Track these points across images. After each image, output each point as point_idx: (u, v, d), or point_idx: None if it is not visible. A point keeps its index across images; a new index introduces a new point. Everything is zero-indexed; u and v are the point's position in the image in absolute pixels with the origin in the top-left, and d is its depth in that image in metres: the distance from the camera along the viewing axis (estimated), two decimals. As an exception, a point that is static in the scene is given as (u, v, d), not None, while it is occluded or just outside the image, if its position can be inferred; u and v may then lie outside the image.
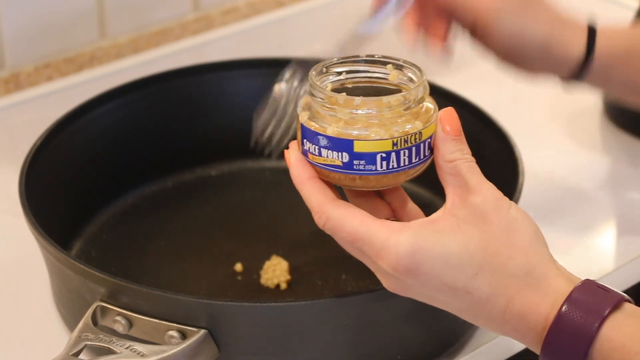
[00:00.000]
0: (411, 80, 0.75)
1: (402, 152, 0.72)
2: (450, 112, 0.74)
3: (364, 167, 0.73)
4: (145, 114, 1.04)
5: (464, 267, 0.70)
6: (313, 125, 0.73)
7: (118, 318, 0.79)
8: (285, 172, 1.07)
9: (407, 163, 0.73)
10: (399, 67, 0.76)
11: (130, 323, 0.79)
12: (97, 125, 1.01)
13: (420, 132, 0.73)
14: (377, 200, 0.78)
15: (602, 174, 1.11)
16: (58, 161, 0.96)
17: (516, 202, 0.86)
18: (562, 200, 1.06)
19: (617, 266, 0.97)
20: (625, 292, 0.96)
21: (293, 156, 0.75)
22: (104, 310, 0.80)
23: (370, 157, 0.72)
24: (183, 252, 0.98)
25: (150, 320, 0.78)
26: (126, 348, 0.76)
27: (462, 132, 0.74)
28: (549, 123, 1.19)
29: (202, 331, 0.77)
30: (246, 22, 1.38)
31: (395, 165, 0.73)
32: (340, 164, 0.73)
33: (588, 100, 1.21)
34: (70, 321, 0.87)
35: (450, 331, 0.86)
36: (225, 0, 1.37)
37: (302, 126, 0.74)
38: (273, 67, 1.07)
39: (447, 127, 0.73)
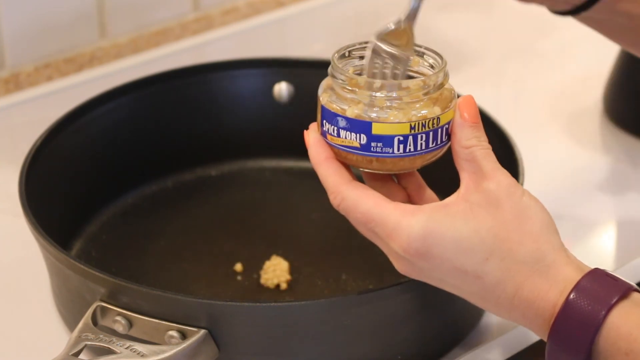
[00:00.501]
0: (432, 66, 0.77)
1: (419, 136, 0.74)
2: (469, 99, 0.75)
3: (381, 149, 0.74)
4: (145, 114, 1.04)
5: (475, 252, 0.71)
6: (333, 107, 0.75)
7: (118, 318, 0.79)
8: (285, 172, 1.08)
9: (424, 147, 0.74)
10: (420, 54, 0.77)
11: (130, 323, 0.79)
12: (97, 125, 1.01)
13: (439, 118, 0.74)
14: (393, 185, 0.79)
15: (602, 174, 1.11)
16: (58, 161, 0.96)
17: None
18: (562, 200, 1.06)
19: (617, 266, 0.97)
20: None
21: (312, 137, 0.77)
22: (104, 310, 0.80)
23: (387, 140, 0.73)
24: (183, 252, 0.97)
25: (150, 320, 0.78)
26: (126, 348, 0.76)
27: (480, 120, 0.75)
28: (549, 123, 1.19)
29: (202, 331, 0.77)
30: (246, 22, 1.38)
31: (412, 149, 0.74)
32: (358, 145, 0.74)
33: (588, 100, 1.21)
34: (70, 321, 0.87)
35: (451, 332, 0.86)
36: (225, 0, 1.37)
37: (322, 107, 0.75)
38: (273, 67, 1.07)
39: (465, 114, 0.74)
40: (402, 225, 0.71)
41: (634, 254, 0.98)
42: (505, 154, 0.93)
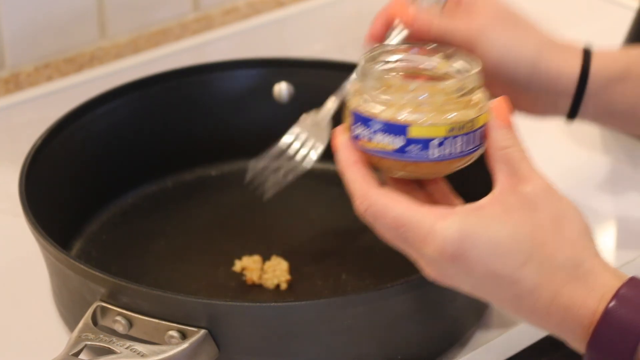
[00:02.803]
0: (459, 70, 0.75)
1: (457, 138, 0.72)
2: (502, 101, 0.74)
3: (417, 153, 0.72)
4: (145, 114, 1.04)
5: (512, 256, 0.69)
6: (365, 110, 0.73)
7: (118, 318, 0.79)
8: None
9: (459, 151, 0.72)
10: (449, 57, 0.76)
11: (130, 323, 0.79)
12: (97, 125, 1.01)
13: (473, 120, 0.72)
14: (420, 192, 0.77)
15: (602, 174, 1.11)
16: (58, 161, 0.96)
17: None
18: (562, 200, 1.06)
19: (617, 266, 0.97)
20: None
21: (340, 140, 0.75)
22: (104, 310, 0.80)
23: (424, 143, 0.71)
24: (183, 252, 0.97)
25: (150, 320, 0.78)
26: (126, 348, 0.76)
27: (513, 123, 0.73)
28: (549, 123, 1.18)
29: (202, 331, 0.77)
30: (246, 22, 1.38)
31: (449, 152, 0.72)
32: (393, 149, 0.72)
33: (588, 100, 1.20)
34: (70, 321, 0.87)
35: (451, 331, 0.86)
36: (225, 0, 1.37)
37: (353, 112, 0.74)
38: (272, 67, 1.07)
39: (499, 116, 0.73)
40: (436, 229, 0.69)
41: (634, 253, 0.98)
42: (505, 154, 0.93)
